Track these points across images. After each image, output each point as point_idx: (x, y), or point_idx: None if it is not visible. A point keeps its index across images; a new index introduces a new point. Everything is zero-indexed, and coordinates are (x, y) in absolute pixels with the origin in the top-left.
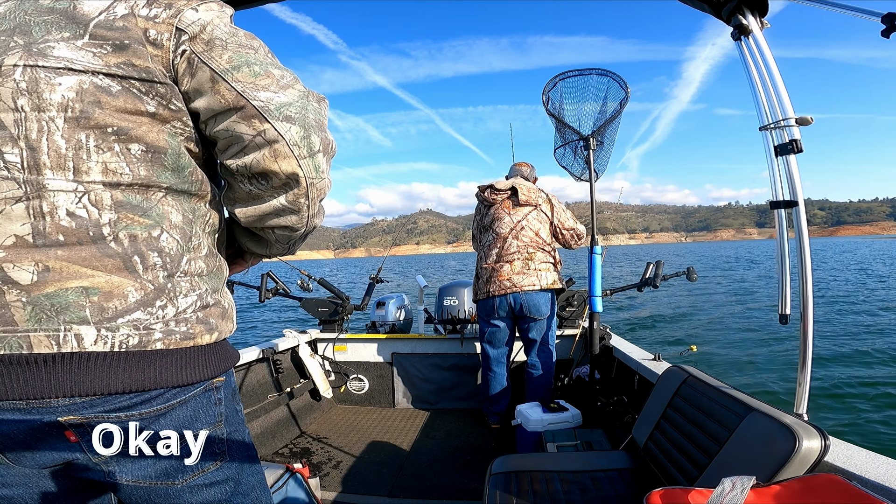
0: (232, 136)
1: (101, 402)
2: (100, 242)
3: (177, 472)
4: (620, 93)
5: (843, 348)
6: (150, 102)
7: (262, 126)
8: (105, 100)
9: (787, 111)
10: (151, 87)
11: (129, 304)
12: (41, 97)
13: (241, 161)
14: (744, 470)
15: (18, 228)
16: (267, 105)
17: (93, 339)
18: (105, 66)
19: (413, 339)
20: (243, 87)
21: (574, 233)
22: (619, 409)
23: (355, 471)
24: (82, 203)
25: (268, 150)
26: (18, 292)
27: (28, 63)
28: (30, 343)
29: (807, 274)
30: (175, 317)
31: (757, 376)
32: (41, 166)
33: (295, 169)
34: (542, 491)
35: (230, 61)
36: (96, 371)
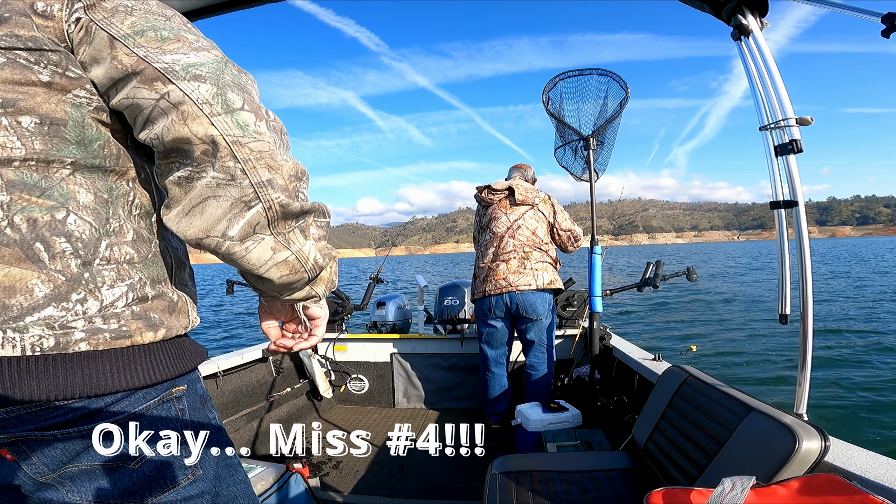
0: (133, 104)
1: (31, 416)
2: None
3: (142, 489)
4: (621, 93)
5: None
6: (41, 72)
7: (166, 87)
8: None
9: (787, 111)
10: (41, 55)
11: (37, 300)
12: None
13: (153, 132)
14: (744, 470)
15: None
16: (172, 66)
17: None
18: None
19: (413, 339)
20: (146, 52)
21: (571, 234)
22: (619, 409)
23: (355, 471)
24: None
25: (175, 114)
26: None
27: None
28: None
29: (807, 274)
30: (100, 312)
31: (757, 376)
32: None
33: (208, 129)
34: (542, 491)
35: (133, 26)
36: (12, 379)
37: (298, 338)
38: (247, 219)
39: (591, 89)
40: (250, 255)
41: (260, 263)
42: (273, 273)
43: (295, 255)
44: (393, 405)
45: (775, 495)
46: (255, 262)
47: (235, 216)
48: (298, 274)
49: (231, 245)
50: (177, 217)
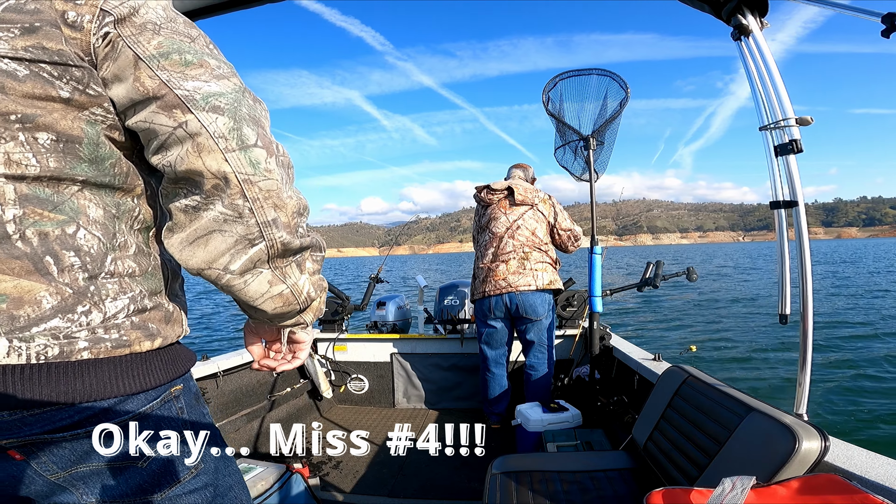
0: (150, 128)
1: (34, 420)
2: (4, 242)
3: (152, 487)
4: (620, 93)
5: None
6: (63, 87)
7: (185, 117)
8: (10, 85)
9: (787, 111)
10: (65, 70)
11: (44, 312)
12: None
13: (166, 159)
14: (744, 470)
15: None
16: (192, 94)
17: (5, 352)
18: (11, 49)
19: (413, 339)
20: (169, 76)
21: (571, 234)
22: (619, 409)
23: (355, 471)
24: None
25: (190, 145)
26: None
27: None
28: None
29: (807, 274)
30: (103, 323)
31: (757, 376)
32: None
33: (221, 165)
34: (542, 491)
35: (160, 47)
36: (14, 386)
37: (281, 359)
38: (249, 255)
39: (591, 89)
40: (248, 288)
41: (256, 296)
42: (267, 305)
43: (290, 289)
44: (393, 405)
45: (775, 495)
46: (251, 294)
47: (238, 252)
48: (291, 306)
49: (231, 278)
50: (180, 245)
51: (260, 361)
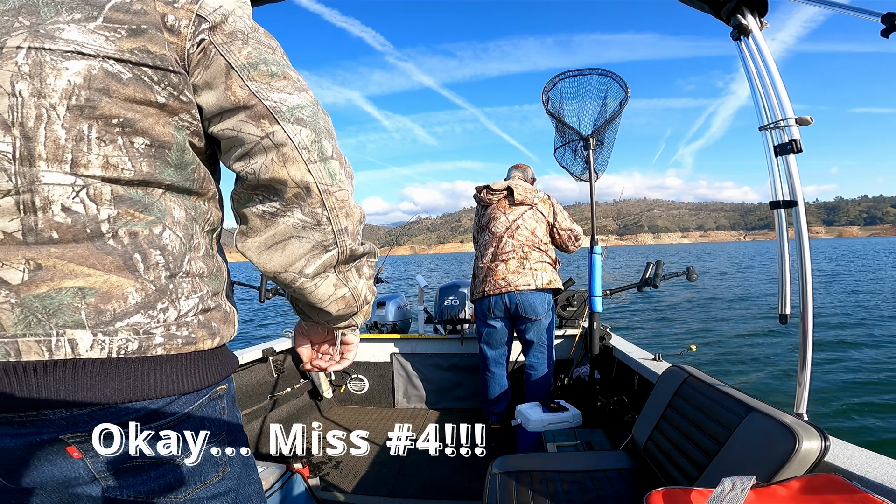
0: (237, 136)
1: (103, 414)
2: (97, 239)
3: (179, 486)
4: (620, 93)
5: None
6: (160, 92)
7: (272, 127)
8: (114, 87)
9: (786, 111)
10: (165, 75)
11: (129, 307)
12: (44, 82)
13: (249, 167)
14: (744, 470)
15: (6, 225)
16: (279, 106)
17: (88, 345)
18: (118, 50)
19: (413, 339)
20: (257, 87)
21: (571, 233)
22: (619, 409)
23: (355, 471)
24: (80, 198)
25: (275, 154)
26: (7, 293)
27: (33, 45)
28: (18, 350)
29: (807, 274)
30: (176, 320)
31: (757, 375)
32: (35, 157)
33: (304, 175)
34: (542, 491)
35: (249, 57)
36: (93, 379)
37: (329, 360)
38: (322, 260)
39: (591, 89)
40: (318, 291)
41: (324, 298)
42: (332, 307)
43: (351, 292)
44: (393, 405)
45: (775, 495)
46: (320, 297)
47: (314, 257)
48: (351, 308)
49: (304, 281)
50: (258, 249)
51: (312, 362)
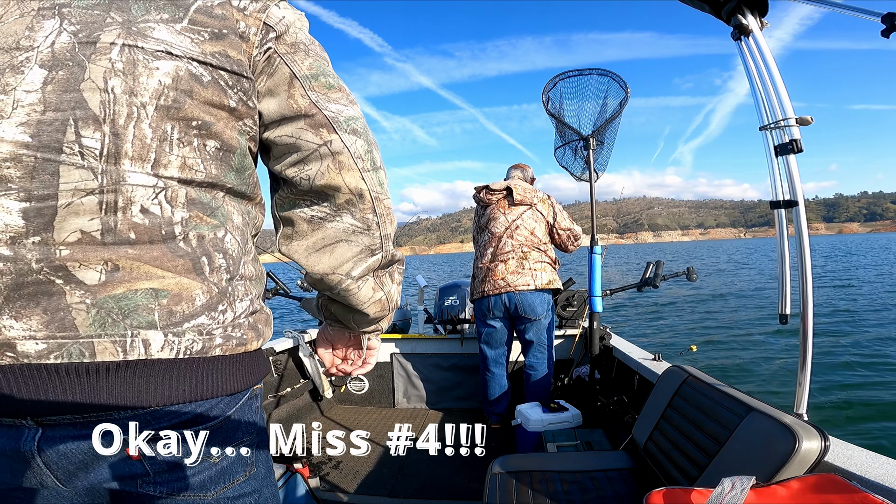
0: (295, 142)
1: (165, 414)
2: (170, 242)
3: (211, 484)
4: (620, 93)
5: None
6: (233, 97)
7: (330, 136)
8: (196, 90)
9: (787, 111)
10: (238, 80)
11: (196, 308)
12: (137, 80)
13: (304, 172)
14: (744, 470)
15: (86, 224)
16: (337, 116)
17: (160, 345)
18: (201, 53)
19: (413, 339)
20: (317, 97)
21: (570, 233)
22: (619, 409)
23: (355, 471)
24: (158, 200)
25: (331, 161)
26: (82, 293)
27: (127, 42)
28: (93, 350)
29: (807, 274)
30: (232, 322)
31: (757, 375)
32: (122, 156)
33: (359, 183)
34: (542, 491)
35: (311, 68)
36: (161, 379)
37: (352, 364)
38: (368, 263)
39: (591, 89)
40: (360, 293)
41: (364, 300)
42: (371, 309)
43: (386, 296)
44: (393, 405)
45: (775, 495)
46: (361, 298)
47: (360, 260)
48: (384, 311)
49: (350, 283)
50: (306, 251)
51: (337, 366)
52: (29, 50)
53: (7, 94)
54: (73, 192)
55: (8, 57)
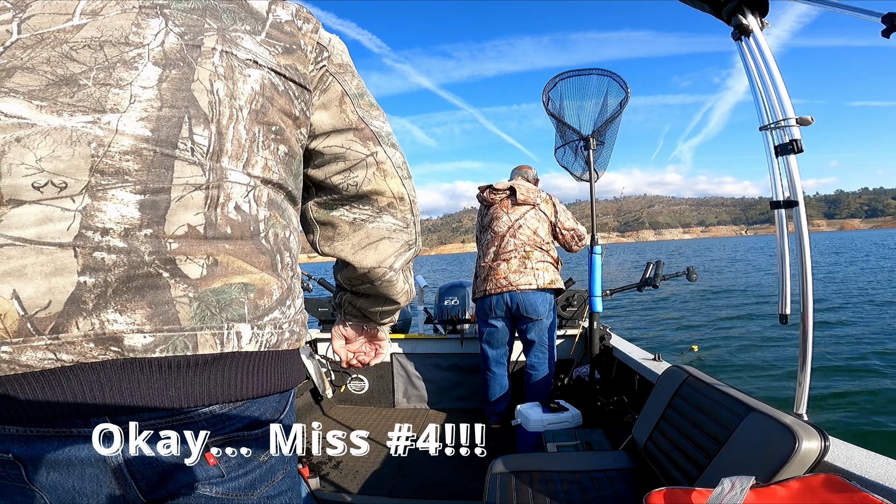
0: (345, 152)
1: (236, 413)
2: (256, 238)
3: (259, 483)
4: (620, 93)
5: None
6: (297, 106)
7: (376, 148)
8: (276, 98)
9: (787, 111)
10: (302, 92)
11: (272, 303)
12: (235, 85)
13: (351, 179)
14: (743, 470)
15: (192, 218)
16: (380, 131)
17: (249, 338)
18: (277, 65)
19: (413, 339)
20: (364, 113)
21: (574, 233)
22: (619, 409)
23: (355, 471)
24: (248, 198)
25: (376, 169)
26: (186, 287)
27: (225, 49)
28: (196, 343)
29: (807, 274)
30: (293, 317)
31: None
32: (223, 154)
33: (400, 188)
34: (542, 491)
35: (358, 87)
36: (248, 370)
37: (365, 356)
38: (406, 257)
39: (591, 89)
40: (398, 284)
41: (400, 291)
42: (402, 298)
43: (409, 287)
44: (393, 405)
45: (775, 495)
46: (398, 289)
47: (401, 254)
48: (408, 300)
49: (392, 275)
50: (352, 249)
51: (358, 358)
52: (140, 46)
53: (122, 88)
54: (185, 187)
55: (118, 51)
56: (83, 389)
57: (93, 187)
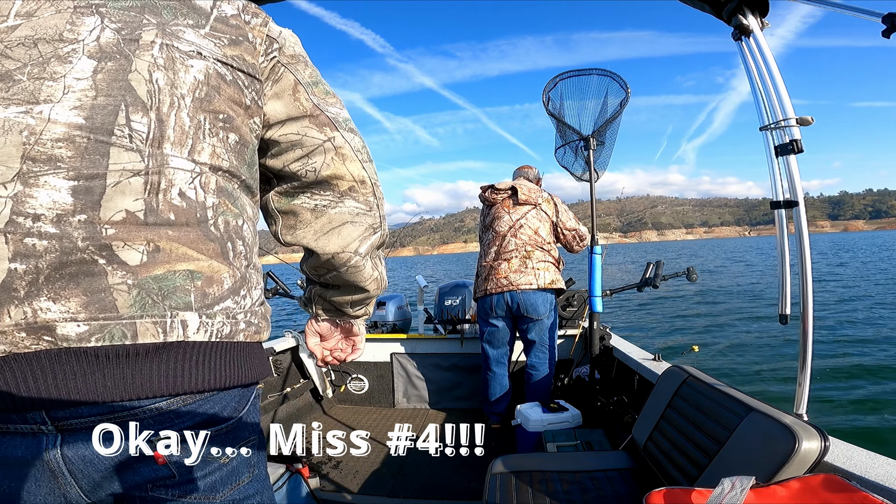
0: (301, 139)
1: (185, 414)
2: (203, 225)
3: (221, 486)
4: (621, 93)
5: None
6: (248, 95)
7: (333, 133)
8: (223, 87)
9: (787, 111)
10: (252, 81)
11: (224, 291)
12: (176, 75)
13: (309, 165)
14: (743, 470)
15: (131, 204)
16: (336, 117)
17: (196, 327)
18: (223, 56)
19: (413, 339)
20: (319, 101)
21: (576, 233)
22: (619, 409)
23: (355, 471)
24: (194, 184)
25: (335, 154)
26: (124, 274)
27: (165, 42)
28: (135, 332)
29: (807, 274)
30: (251, 308)
31: (757, 376)
32: (164, 140)
33: (360, 171)
34: (542, 491)
35: (311, 77)
36: (196, 362)
37: (342, 352)
38: (371, 241)
39: (592, 89)
40: (365, 270)
41: (367, 277)
42: (371, 286)
43: (379, 275)
44: (393, 405)
45: (775, 495)
46: (366, 275)
47: (366, 238)
48: (379, 289)
49: (358, 259)
50: (314, 236)
51: (334, 355)
52: (74, 42)
53: (56, 80)
54: (122, 172)
55: (52, 48)
56: (17, 382)
57: (24, 174)
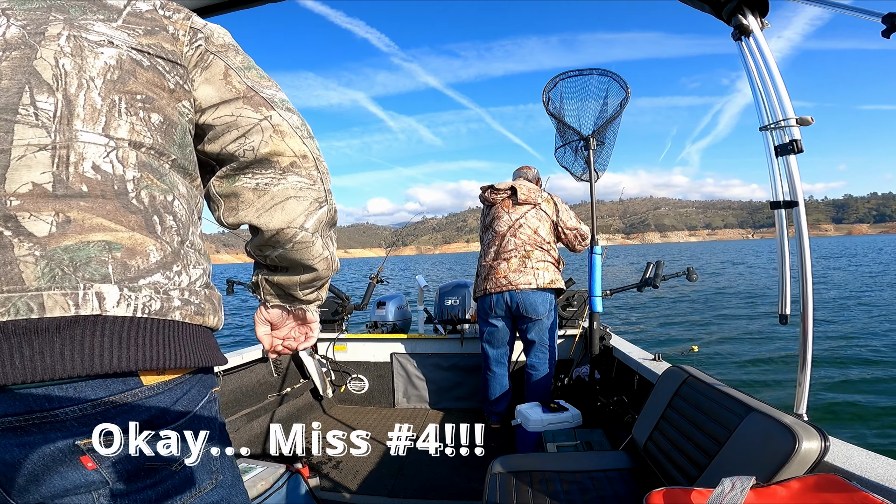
0: (235, 120)
1: (116, 411)
2: (122, 197)
3: (175, 493)
4: (621, 93)
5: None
6: (171, 80)
7: (269, 112)
8: (139, 71)
9: (787, 111)
10: (174, 66)
11: (151, 265)
12: (85, 60)
13: (247, 144)
14: (744, 470)
15: (38, 176)
16: (273, 98)
17: (115, 300)
18: (139, 44)
19: (413, 339)
20: (253, 83)
21: (577, 233)
22: (619, 409)
23: (355, 471)
24: (110, 158)
25: (273, 132)
26: (31, 245)
27: (73, 33)
28: (42, 304)
29: (807, 274)
30: (188, 286)
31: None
32: (74, 117)
33: (300, 146)
34: (542, 491)
35: (243, 62)
36: (119, 339)
37: (294, 341)
38: (318, 215)
39: (592, 89)
40: (313, 248)
41: (316, 255)
42: (320, 265)
43: (330, 255)
44: (393, 405)
45: (775, 495)
46: (314, 253)
47: (312, 212)
48: (329, 270)
49: (305, 235)
50: (256, 213)
51: (285, 345)
52: None
53: None
54: (27, 147)
55: None
56: None
57: None
